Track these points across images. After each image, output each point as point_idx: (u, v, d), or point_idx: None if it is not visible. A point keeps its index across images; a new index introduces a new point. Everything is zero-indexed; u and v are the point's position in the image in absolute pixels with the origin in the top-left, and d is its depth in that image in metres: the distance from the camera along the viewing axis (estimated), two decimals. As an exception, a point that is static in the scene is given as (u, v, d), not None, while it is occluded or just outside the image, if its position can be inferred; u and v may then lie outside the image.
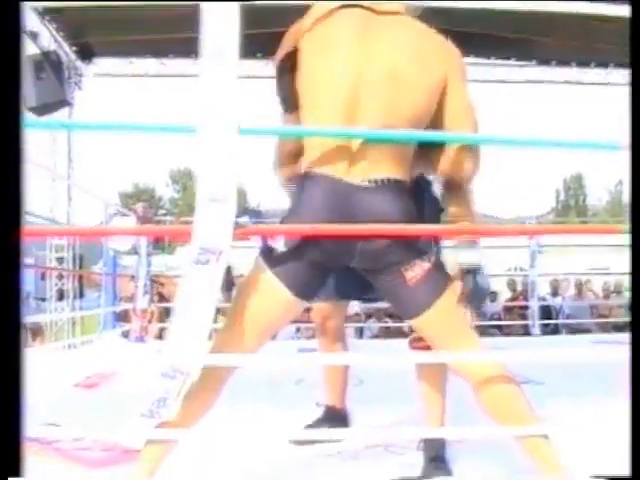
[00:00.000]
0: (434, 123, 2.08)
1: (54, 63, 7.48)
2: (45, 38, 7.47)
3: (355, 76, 2.00)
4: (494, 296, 10.96)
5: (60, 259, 8.46)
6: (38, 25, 7.27)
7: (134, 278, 7.01)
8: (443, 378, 2.52)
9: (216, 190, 1.67)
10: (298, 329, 8.67)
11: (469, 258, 2.19)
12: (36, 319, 7.72)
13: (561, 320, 9.77)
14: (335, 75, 2.01)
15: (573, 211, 45.79)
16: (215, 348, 1.93)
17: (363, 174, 1.96)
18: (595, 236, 10.58)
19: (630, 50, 1.72)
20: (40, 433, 2.51)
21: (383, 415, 3.01)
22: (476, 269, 2.19)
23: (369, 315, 9.49)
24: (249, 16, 1.71)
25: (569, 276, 11.13)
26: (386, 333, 8.79)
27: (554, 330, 9.37)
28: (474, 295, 2.16)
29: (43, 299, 9.52)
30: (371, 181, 1.95)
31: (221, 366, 1.92)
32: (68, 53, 8.03)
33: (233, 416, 2.06)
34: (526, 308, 8.83)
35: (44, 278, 9.47)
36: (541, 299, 9.18)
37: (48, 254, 8.44)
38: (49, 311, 8.44)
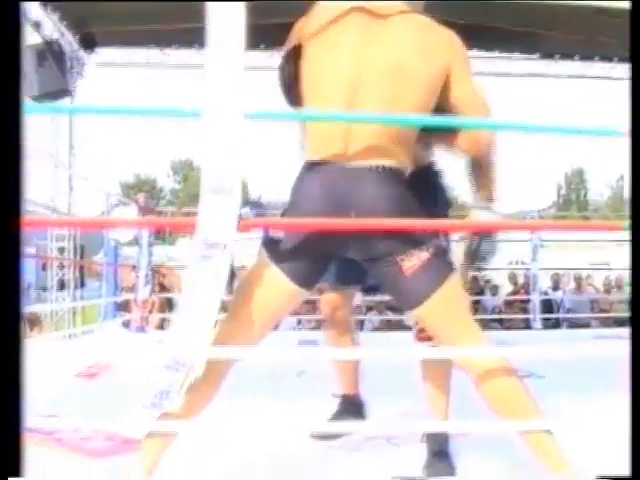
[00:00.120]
0: (442, 110, 2.10)
1: (56, 52, 7.46)
2: (48, 27, 7.44)
3: (357, 71, 2.03)
4: (495, 290, 10.97)
5: (61, 249, 8.47)
6: (41, 14, 7.24)
7: (135, 268, 7.00)
8: (448, 371, 2.52)
9: (221, 181, 1.67)
10: (299, 321, 8.68)
11: (484, 218, 2.27)
12: (36, 309, 7.72)
13: (562, 314, 9.77)
14: (337, 70, 2.04)
15: (574, 206, 45.74)
16: (218, 340, 1.92)
17: (361, 160, 1.98)
18: (596, 231, 10.58)
19: (630, 45, 1.71)
20: (41, 424, 2.52)
21: (385, 408, 3.00)
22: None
23: (370, 308, 9.49)
24: (253, 7, 1.71)
25: (569, 270, 11.14)
26: (387, 326, 8.79)
27: (555, 324, 9.37)
28: (477, 251, 2.30)
29: (44, 289, 9.53)
30: (370, 167, 1.97)
31: (223, 358, 1.92)
32: (71, 42, 8.00)
33: (234, 408, 2.06)
34: (527, 302, 8.83)
35: (45, 268, 9.47)
36: (542, 293, 9.19)
37: (49, 244, 8.44)
38: (50, 301, 8.45)
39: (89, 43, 8.42)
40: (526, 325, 8.47)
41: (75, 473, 2.19)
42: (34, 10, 6.94)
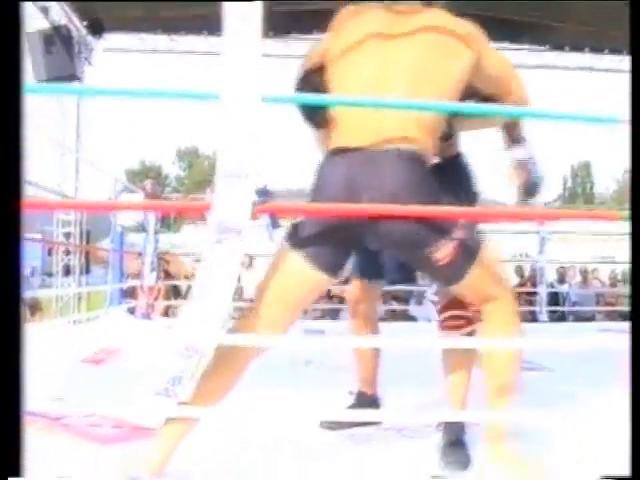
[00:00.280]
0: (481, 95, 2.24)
1: (64, 37, 7.46)
2: (56, 12, 7.42)
3: (382, 75, 2.05)
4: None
5: (67, 234, 8.45)
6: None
7: (141, 255, 6.99)
8: (471, 361, 2.49)
9: (237, 166, 1.65)
10: (305, 310, 8.62)
11: (522, 154, 2.35)
12: (41, 294, 7.71)
13: (568, 307, 9.74)
14: (363, 80, 2.07)
15: (580, 199, 45.70)
16: (243, 329, 1.95)
17: (384, 145, 1.98)
18: (600, 224, 10.54)
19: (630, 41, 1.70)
20: (48, 408, 2.50)
21: (396, 398, 2.98)
22: (530, 161, 2.35)
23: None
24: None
25: (575, 264, 11.11)
26: (392, 316, 8.76)
27: (560, 317, 9.35)
28: (530, 185, 2.35)
29: (49, 274, 9.52)
30: (393, 151, 1.98)
31: (247, 347, 1.93)
32: (78, 28, 7.97)
33: (240, 398, 2.04)
34: (534, 294, 8.80)
35: (51, 253, 9.47)
36: (549, 286, 9.16)
37: (55, 229, 8.42)
38: (55, 286, 8.43)
39: (97, 29, 8.39)
40: (533, 318, 8.43)
41: (83, 459, 2.17)
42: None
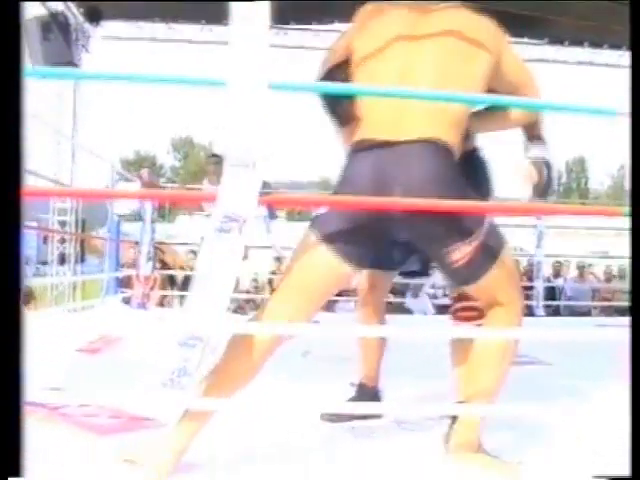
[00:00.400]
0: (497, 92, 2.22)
1: (62, 24, 7.42)
2: (53, -1, 7.38)
3: (405, 75, 2.07)
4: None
5: (62, 223, 8.41)
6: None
7: (137, 244, 6.96)
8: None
9: (244, 154, 1.62)
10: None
11: (538, 153, 2.36)
12: (36, 283, 7.67)
13: (564, 302, 9.75)
14: (388, 74, 2.09)
15: (575, 194, 45.78)
16: (267, 319, 1.98)
17: (411, 137, 1.99)
18: (595, 219, 10.53)
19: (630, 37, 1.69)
20: (45, 398, 2.47)
21: (393, 390, 2.96)
22: (546, 162, 2.36)
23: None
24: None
25: (570, 258, 11.12)
26: (388, 309, 8.72)
27: (555, 312, 9.35)
28: (543, 185, 2.34)
29: (44, 263, 9.48)
30: (420, 143, 1.99)
31: (265, 336, 1.95)
32: (76, 15, 7.91)
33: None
34: (530, 289, 8.79)
35: (46, 242, 9.42)
36: (546, 280, 9.16)
37: (51, 217, 8.38)
38: (50, 275, 8.40)
39: (94, 16, 8.33)
40: (529, 312, 8.42)
41: (82, 450, 2.14)
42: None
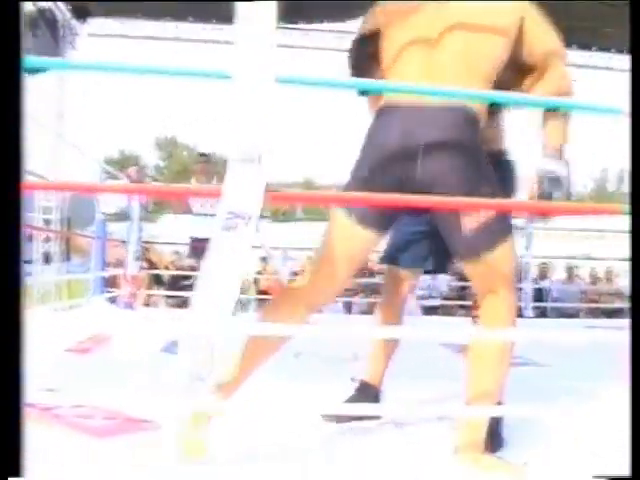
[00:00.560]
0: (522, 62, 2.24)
1: (49, 21, 7.37)
2: (40, -5, 7.31)
3: (432, 33, 2.12)
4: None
5: (47, 221, 8.32)
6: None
7: (124, 243, 6.89)
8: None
9: (249, 149, 1.58)
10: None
11: (549, 166, 2.28)
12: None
13: (556, 304, 9.75)
14: (414, 42, 2.13)
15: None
16: (305, 288, 2.20)
17: (439, 100, 2.05)
18: (579, 221, 10.53)
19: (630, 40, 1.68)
20: (38, 398, 2.42)
21: (391, 392, 2.93)
22: (554, 177, 2.27)
23: (357, 291, 9.42)
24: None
25: (554, 260, 11.14)
26: (374, 309, 8.69)
27: (542, 313, 9.35)
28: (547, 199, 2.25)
29: (29, 262, 9.38)
30: (446, 107, 2.04)
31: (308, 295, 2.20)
32: (63, 11, 7.84)
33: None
34: (519, 290, 8.76)
35: (31, 240, 9.32)
36: (533, 281, 9.16)
37: (36, 215, 8.29)
38: (35, 274, 8.30)
39: (81, 13, 8.26)
40: (518, 314, 8.40)
41: (82, 450, 2.10)
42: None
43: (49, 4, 7.39)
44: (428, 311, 8.42)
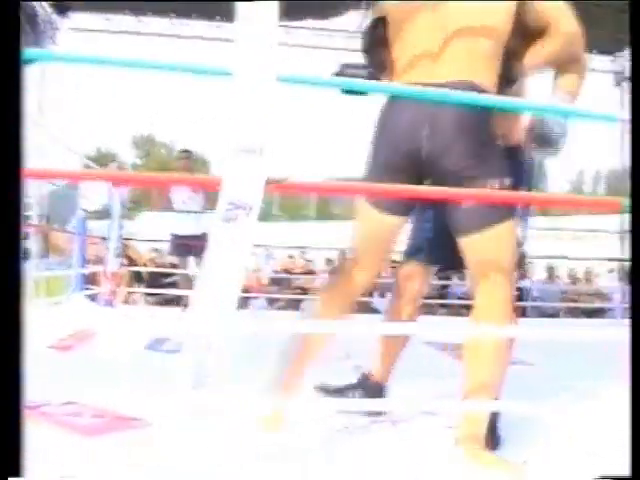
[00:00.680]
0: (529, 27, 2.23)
1: (30, 15, 7.29)
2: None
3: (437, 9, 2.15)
4: (462, 275, 10.93)
5: (26, 217, 8.23)
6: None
7: (104, 240, 6.82)
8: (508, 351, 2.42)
9: (250, 140, 1.54)
10: (270, 301, 8.60)
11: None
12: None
13: (534, 303, 9.78)
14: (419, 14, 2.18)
15: (534, 198, 46.31)
16: (346, 277, 2.31)
17: (446, 77, 2.09)
18: (556, 222, 10.59)
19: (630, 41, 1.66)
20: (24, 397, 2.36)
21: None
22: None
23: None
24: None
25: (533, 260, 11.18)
26: (356, 308, 8.65)
27: (522, 313, 9.38)
28: (546, 139, 2.23)
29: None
30: (454, 82, 2.06)
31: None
32: (44, 6, 7.76)
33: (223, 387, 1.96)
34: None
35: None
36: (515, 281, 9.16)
37: (14, 212, 8.17)
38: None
39: (62, 8, 8.18)
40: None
41: (72, 452, 2.04)
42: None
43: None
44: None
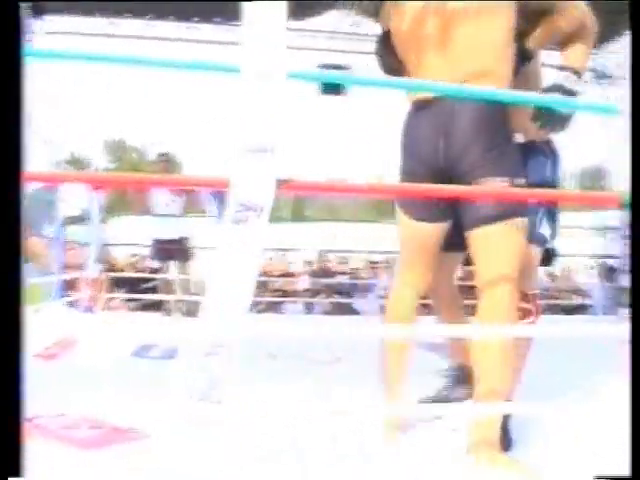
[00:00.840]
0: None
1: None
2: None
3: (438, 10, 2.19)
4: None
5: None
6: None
7: (83, 246, 6.71)
8: (524, 352, 2.42)
9: (260, 139, 1.48)
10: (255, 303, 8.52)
11: (559, 81, 2.20)
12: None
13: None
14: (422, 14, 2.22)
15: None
16: (397, 287, 2.44)
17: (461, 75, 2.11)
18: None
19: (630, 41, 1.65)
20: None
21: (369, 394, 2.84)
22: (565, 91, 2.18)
23: (317, 292, 9.34)
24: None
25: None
26: (337, 309, 8.63)
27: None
28: (549, 116, 2.19)
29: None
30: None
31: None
32: (20, 8, 7.61)
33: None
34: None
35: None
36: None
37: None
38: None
39: (38, 10, 8.04)
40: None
41: (70, 466, 1.96)
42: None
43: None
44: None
